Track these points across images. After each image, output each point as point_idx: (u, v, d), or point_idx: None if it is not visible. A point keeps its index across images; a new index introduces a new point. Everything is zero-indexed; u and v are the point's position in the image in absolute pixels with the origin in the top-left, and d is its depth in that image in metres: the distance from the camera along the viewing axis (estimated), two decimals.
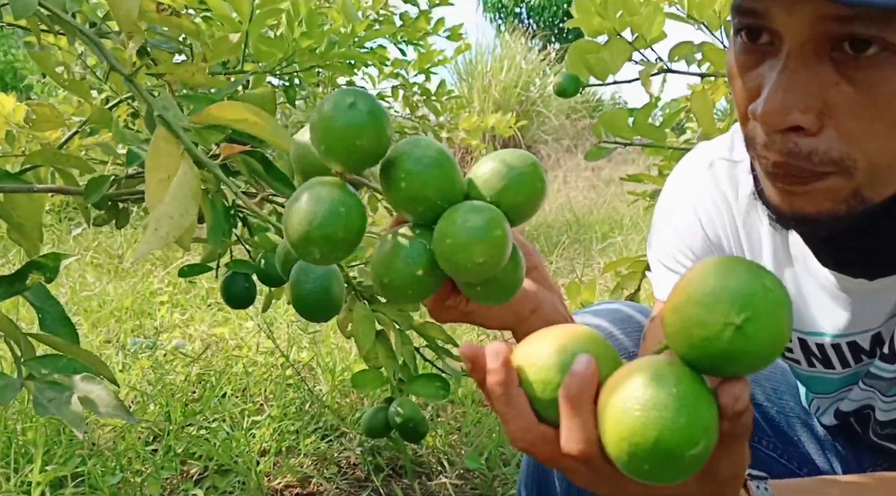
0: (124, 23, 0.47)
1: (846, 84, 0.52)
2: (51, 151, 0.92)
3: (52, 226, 3.69)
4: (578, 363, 0.44)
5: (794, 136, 0.54)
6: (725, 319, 0.39)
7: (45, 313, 0.67)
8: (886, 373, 0.76)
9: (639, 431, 0.39)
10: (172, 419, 1.70)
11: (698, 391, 0.40)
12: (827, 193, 0.56)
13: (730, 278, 0.40)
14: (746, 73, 0.58)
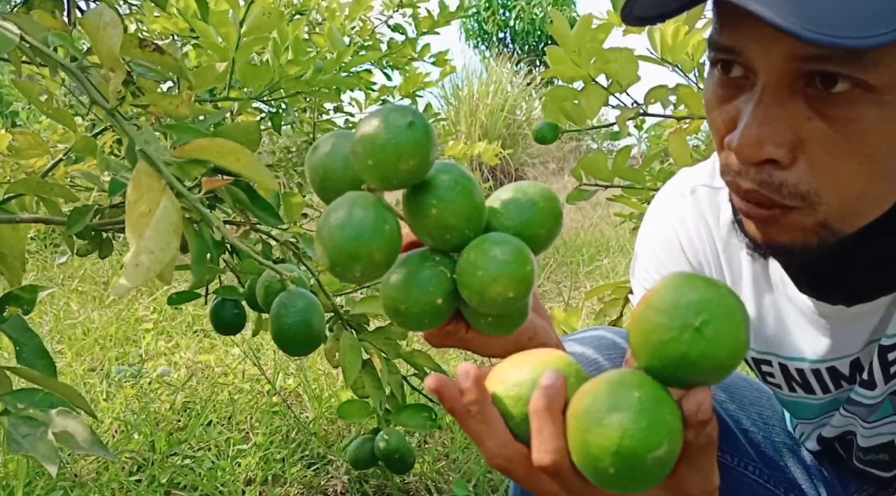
0: (106, 58, 0.47)
1: (819, 119, 0.53)
2: (35, 180, 0.91)
3: (36, 253, 3.66)
4: (546, 377, 0.45)
5: (768, 168, 0.55)
6: (684, 322, 0.40)
7: (23, 345, 0.66)
8: (866, 399, 0.76)
9: (602, 434, 0.41)
10: (157, 448, 1.68)
11: (660, 396, 0.42)
12: (795, 226, 0.58)
13: (688, 288, 0.42)
14: (722, 105, 0.59)
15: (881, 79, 0.51)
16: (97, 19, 0.47)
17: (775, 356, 0.81)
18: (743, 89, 0.57)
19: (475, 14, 17.09)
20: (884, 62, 0.50)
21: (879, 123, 0.52)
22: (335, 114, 2.64)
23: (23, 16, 0.61)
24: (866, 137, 0.53)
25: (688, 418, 0.42)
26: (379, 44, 2.51)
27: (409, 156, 0.44)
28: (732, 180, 0.59)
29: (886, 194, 0.58)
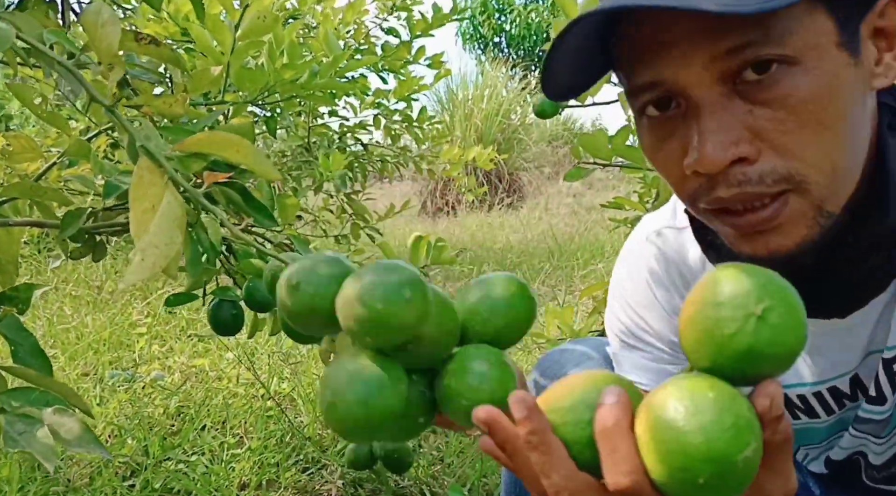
0: (105, 54, 0.46)
1: (760, 107, 0.55)
2: (28, 184, 0.91)
3: (29, 257, 3.64)
4: (607, 394, 0.42)
5: (739, 168, 0.56)
6: (746, 311, 0.39)
7: (18, 345, 0.66)
8: (876, 415, 0.75)
9: (685, 442, 0.38)
10: (150, 453, 1.67)
11: (734, 394, 0.39)
12: (796, 220, 0.57)
13: (740, 279, 0.40)
14: (666, 143, 0.60)
15: (797, 48, 0.53)
16: (95, 17, 0.47)
17: None
18: (678, 120, 0.58)
19: (471, 18, 17.12)
20: (794, 31, 0.52)
21: (814, 89, 0.54)
22: (330, 118, 2.64)
23: (17, 13, 0.61)
24: (809, 106, 0.54)
25: (762, 415, 0.40)
26: (374, 47, 2.52)
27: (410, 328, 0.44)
28: (711, 199, 0.58)
29: (855, 159, 0.59)
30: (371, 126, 2.67)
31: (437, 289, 0.50)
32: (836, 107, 0.55)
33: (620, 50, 0.59)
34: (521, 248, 4.64)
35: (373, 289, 0.43)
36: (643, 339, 0.85)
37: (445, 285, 3.57)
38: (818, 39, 0.54)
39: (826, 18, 0.54)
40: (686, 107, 0.57)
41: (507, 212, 7.07)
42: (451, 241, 5.05)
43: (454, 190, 7.32)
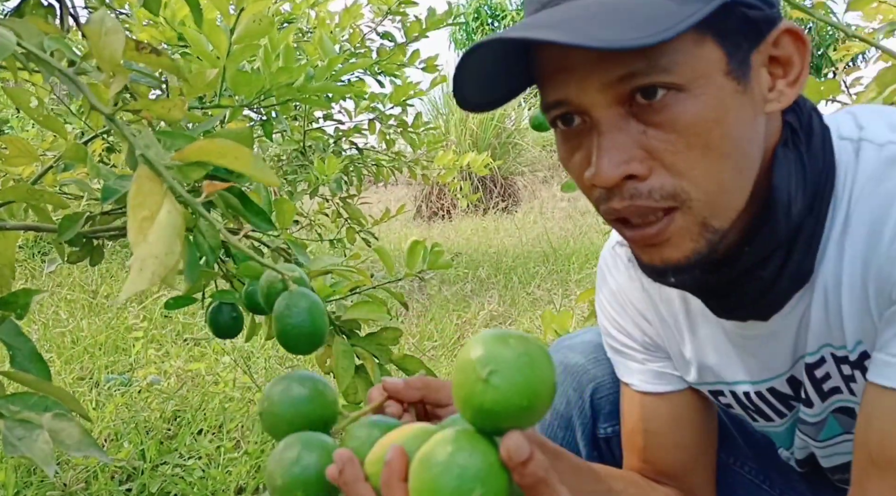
0: (108, 63, 0.47)
1: (652, 128, 0.58)
2: (25, 188, 0.91)
3: (24, 261, 3.63)
4: (389, 454, 0.49)
5: (632, 183, 0.60)
6: (475, 376, 0.45)
7: (16, 350, 0.66)
8: (809, 417, 0.79)
9: (427, 482, 0.45)
10: (147, 457, 1.67)
11: (475, 447, 0.45)
12: (682, 235, 0.61)
13: (478, 346, 0.46)
14: (574, 155, 0.64)
15: (684, 75, 0.57)
16: (99, 25, 0.48)
17: (724, 384, 0.83)
18: (584, 134, 0.62)
19: (464, 24, 17.14)
20: (680, 61, 0.56)
21: (701, 113, 0.58)
22: (325, 122, 2.65)
23: (18, 20, 0.61)
24: (695, 129, 0.58)
25: (506, 463, 0.45)
26: (370, 52, 2.52)
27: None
28: (607, 208, 0.63)
29: (742, 178, 0.62)
30: (366, 130, 2.68)
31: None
32: (722, 130, 0.58)
33: (533, 69, 0.64)
34: (517, 252, 4.65)
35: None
36: (626, 344, 0.89)
37: (441, 288, 3.57)
38: (706, 68, 0.58)
39: (715, 48, 0.58)
40: (589, 123, 0.61)
41: (502, 216, 7.08)
42: (447, 245, 5.06)
43: (449, 194, 7.33)
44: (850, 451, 0.80)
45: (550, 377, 0.45)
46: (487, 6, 17.67)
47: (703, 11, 0.54)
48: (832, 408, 0.77)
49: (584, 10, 0.56)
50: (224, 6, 1.11)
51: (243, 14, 1.03)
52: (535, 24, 0.58)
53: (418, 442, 0.49)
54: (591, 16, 0.55)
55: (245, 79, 1.14)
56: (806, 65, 0.62)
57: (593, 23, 0.54)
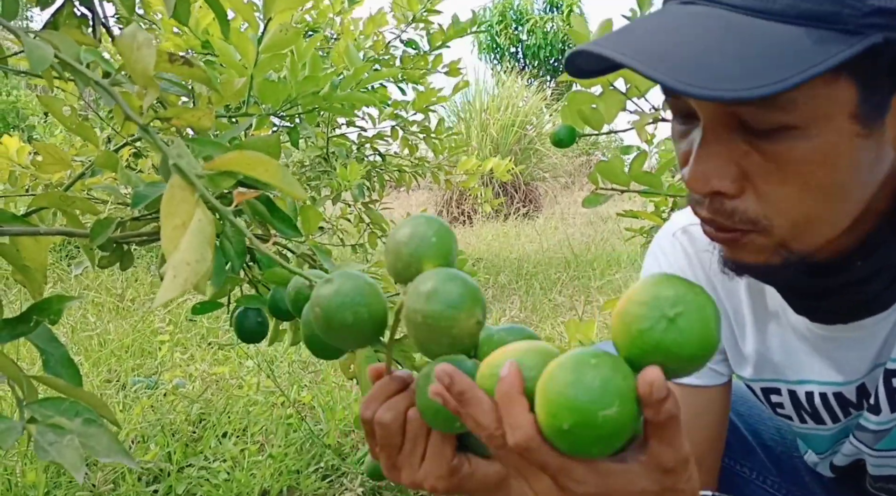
0: (140, 77, 0.48)
1: (756, 153, 0.56)
2: (58, 194, 0.93)
3: (53, 264, 3.69)
4: (503, 368, 0.48)
5: (719, 198, 0.59)
6: (661, 313, 0.45)
7: (49, 355, 0.68)
8: (872, 424, 0.77)
9: (560, 393, 0.45)
10: (173, 460, 1.69)
11: (617, 366, 0.45)
12: (755, 247, 0.61)
13: (666, 285, 0.46)
14: (680, 140, 0.63)
15: (803, 116, 0.53)
16: (131, 39, 0.49)
17: (784, 382, 0.82)
18: (694, 122, 0.60)
19: (488, 28, 17.15)
20: (801, 101, 0.53)
21: (809, 155, 0.55)
22: (348, 128, 2.67)
23: (54, 33, 0.63)
24: (799, 168, 0.55)
25: (643, 397, 0.44)
26: (394, 59, 2.54)
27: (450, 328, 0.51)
28: (693, 209, 0.63)
29: (837, 214, 0.60)
30: (389, 137, 2.70)
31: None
32: (827, 174, 0.56)
33: None
34: (538, 258, 4.64)
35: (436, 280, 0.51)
36: None
37: None
38: (829, 109, 0.53)
39: (848, 88, 0.53)
40: (699, 120, 0.60)
41: (523, 221, 7.07)
42: (468, 250, 5.06)
43: (470, 199, 7.33)
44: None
45: (717, 340, 0.46)
46: (512, 10, 17.69)
47: (840, 56, 0.49)
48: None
49: (704, 30, 0.52)
50: (250, 15, 1.13)
51: (270, 24, 1.05)
52: (647, 39, 0.54)
53: (533, 358, 0.50)
54: (709, 42, 0.51)
55: (272, 88, 1.16)
56: None
57: (707, 56, 0.50)
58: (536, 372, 0.48)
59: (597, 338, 1.54)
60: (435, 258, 0.55)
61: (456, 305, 0.51)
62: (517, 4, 17.54)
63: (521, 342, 0.53)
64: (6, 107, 8.38)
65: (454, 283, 0.51)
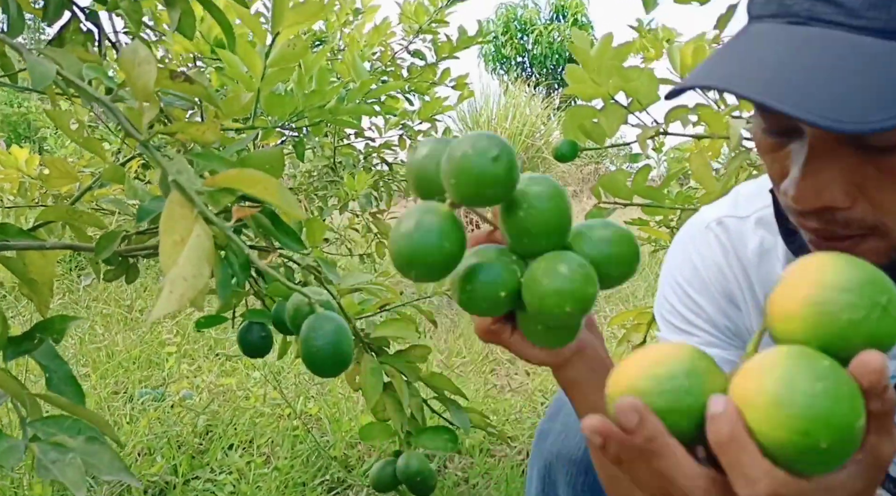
0: (141, 92, 0.48)
1: (870, 165, 0.54)
2: (65, 208, 0.93)
3: (62, 276, 3.71)
4: (714, 404, 0.41)
5: (829, 212, 0.56)
6: (872, 301, 0.40)
7: (52, 372, 0.68)
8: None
9: (810, 408, 0.38)
10: (179, 472, 1.69)
11: (840, 365, 0.40)
12: (869, 252, 0.58)
13: (862, 269, 0.42)
14: (774, 152, 0.60)
15: None
16: (132, 56, 0.49)
17: None
18: (792, 139, 0.58)
19: (493, 38, 17.20)
20: None
21: None
22: (355, 138, 2.68)
23: (58, 50, 0.63)
24: None
25: (871, 387, 0.40)
26: (400, 70, 2.55)
27: (489, 185, 0.48)
28: (797, 219, 0.60)
29: None
30: (397, 146, 2.70)
31: (563, 192, 0.53)
32: None
33: None
34: None
35: (470, 140, 0.48)
36: (694, 323, 0.85)
37: None
38: None
39: None
40: (802, 132, 0.57)
41: None
42: None
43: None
44: None
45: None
46: (516, 21, 17.74)
47: None
48: None
49: (820, 54, 0.50)
50: (256, 26, 1.14)
51: (278, 38, 1.05)
52: (765, 65, 0.52)
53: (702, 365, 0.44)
54: (830, 69, 0.49)
55: (279, 101, 1.16)
56: None
57: (830, 86, 0.48)
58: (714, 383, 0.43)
59: None
60: None
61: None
62: (520, 15, 17.59)
63: (671, 346, 0.46)
64: (18, 118, 8.44)
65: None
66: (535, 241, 0.52)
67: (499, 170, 0.47)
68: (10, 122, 8.51)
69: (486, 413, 1.44)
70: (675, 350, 0.45)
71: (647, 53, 1.81)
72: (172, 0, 0.93)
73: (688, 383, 0.43)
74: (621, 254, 0.54)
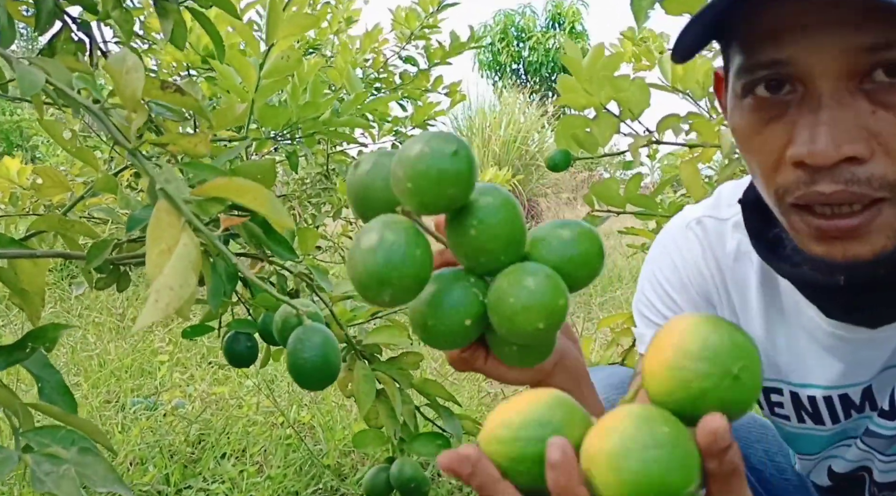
0: (129, 101, 0.48)
1: (883, 110, 0.54)
2: (56, 217, 0.93)
3: (53, 285, 3.69)
4: (552, 449, 0.42)
5: (847, 167, 0.54)
6: (724, 370, 0.41)
7: (44, 382, 0.67)
8: (886, 430, 0.76)
9: (641, 472, 0.39)
10: (171, 481, 1.68)
11: (684, 430, 0.42)
12: (881, 229, 0.57)
13: (719, 333, 0.42)
14: (770, 125, 0.58)
15: None
16: (120, 64, 0.49)
17: (787, 384, 0.80)
18: (790, 104, 0.57)
19: (489, 45, 17.24)
20: None
21: None
22: (348, 146, 2.68)
23: (48, 59, 0.63)
24: None
25: (707, 448, 0.41)
26: (392, 76, 2.56)
27: (449, 184, 0.44)
28: (806, 193, 0.57)
29: None
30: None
31: (513, 197, 0.49)
32: None
33: (745, 24, 0.58)
34: None
35: (422, 139, 0.44)
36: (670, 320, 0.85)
37: None
38: None
39: None
40: (804, 93, 0.56)
41: None
42: None
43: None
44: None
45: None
46: (514, 27, 17.80)
47: None
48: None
49: None
50: (249, 36, 1.14)
51: (272, 50, 1.05)
52: None
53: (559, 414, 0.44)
54: None
55: (273, 112, 1.16)
56: None
57: None
58: (571, 433, 0.44)
59: (595, 355, 1.53)
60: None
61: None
62: (518, 22, 17.65)
63: (537, 392, 0.46)
64: (10, 127, 8.43)
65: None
66: (492, 257, 0.48)
67: (460, 165, 0.44)
68: (2, 131, 8.50)
69: (480, 420, 1.44)
70: (538, 397, 0.46)
71: (639, 64, 1.83)
72: (165, 11, 0.93)
73: (539, 432, 0.44)
74: (586, 254, 0.50)
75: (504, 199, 0.48)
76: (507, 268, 0.48)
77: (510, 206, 0.48)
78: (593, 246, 0.51)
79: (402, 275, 0.44)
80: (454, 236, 0.49)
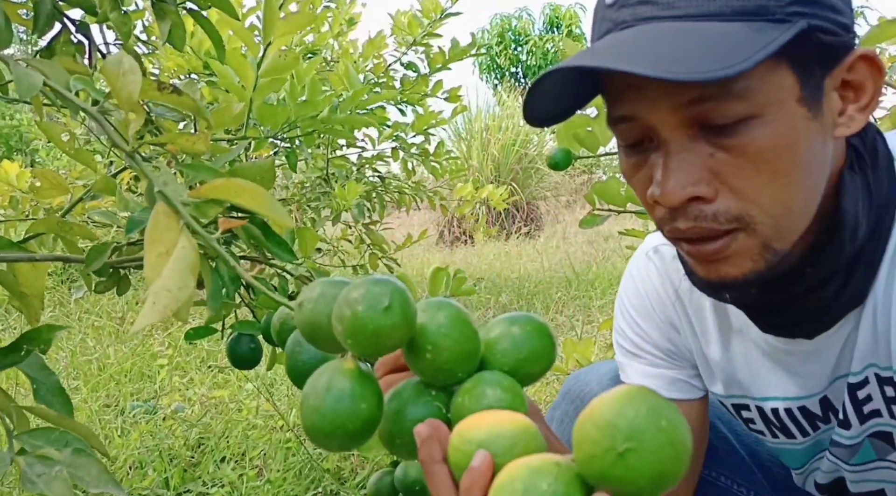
0: (126, 102, 0.48)
1: (720, 152, 0.58)
2: (55, 220, 0.93)
3: (53, 288, 3.69)
4: (476, 458, 0.47)
5: (696, 205, 0.60)
6: (610, 445, 0.42)
7: (40, 384, 0.67)
8: (845, 439, 0.78)
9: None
10: (170, 485, 1.67)
11: (570, 486, 0.43)
12: (742, 255, 0.62)
13: (628, 409, 0.43)
14: (638, 171, 0.64)
15: (757, 102, 0.57)
16: (116, 66, 0.49)
17: (751, 399, 0.83)
18: (650, 151, 0.62)
19: (488, 49, 17.25)
20: (754, 88, 0.56)
21: (771, 140, 0.57)
22: (348, 149, 2.68)
23: (45, 61, 0.63)
24: (765, 155, 0.58)
25: None
26: (392, 81, 2.55)
27: (386, 336, 0.47)
28: (671, 228, 0.63)
29: (808, 203, 0.63)
30: (389, 158, 2.70)
31: (463, 310, 0.52)
32: (792, 156, 0.59)
33: (600, 83, 0.64)
34: (539, 278, 4.63)
35: (359, 292, 0.47)
36: (643, 348, 0.89)
37: None
38: (778, 94, 0.57)
39: (788, 74, 0.58)
40: (656, 142, 0.61)
41: (524, 240, 7.07)
42: (469, 270, 5.05)
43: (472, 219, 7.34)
44: (882, 479, 0.79)
45: (683, 469, 0.42)
46: (511, 31, 17.82)
47: (780, 40, 0.54)
48: (869, 432, 0.76)
49: (656, 36, 0.57)
50: (248, 38, 1.14)
51: (270, 48, 1.05)
52: (610, 50, 0.58)
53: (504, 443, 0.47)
54: (665, 42, 0.55)
55: (271, 111, 1.16)
56: (878, 91, 0.62)
57: (667, 50, 0.55)
58: (502, 459, 0.47)
59: (596, 358, 1.52)
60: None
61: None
62: (515, 25, 17.68)
63: (503, 414, 0.50)
64: (9, 130, 8.43)
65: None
66: (450, 375, 0.51)
67: (394, 320, 0.47)
68: (1, 135, 8.50)
69: None
70: (494, 421, 0.49)
71: None
72: (163, 13, 0.93)
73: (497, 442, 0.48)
74: (537, 352, 0.54)
75: (454, 316, 0.51)
76: (466, 383, 0.52)
77: (461, 323, 0.51)
78: (544, 342, 0.55)
79: (350, 430, 0.48)
80: (411, 359, 0.52)
